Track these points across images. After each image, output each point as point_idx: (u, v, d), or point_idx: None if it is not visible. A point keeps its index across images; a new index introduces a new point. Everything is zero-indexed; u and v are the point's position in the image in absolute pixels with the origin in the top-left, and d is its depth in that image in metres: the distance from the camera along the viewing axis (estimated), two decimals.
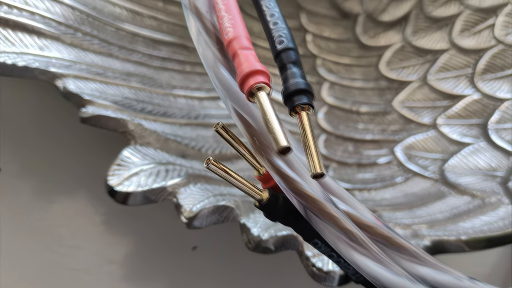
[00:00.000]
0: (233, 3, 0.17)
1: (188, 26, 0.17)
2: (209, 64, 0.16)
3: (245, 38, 0.16)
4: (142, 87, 0.26)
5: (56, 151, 0.25)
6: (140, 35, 0.29)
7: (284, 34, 0.16)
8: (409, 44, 0.32)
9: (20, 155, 0.24)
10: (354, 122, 0.30)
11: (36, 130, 0.25)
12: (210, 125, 0.27)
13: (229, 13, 0.16)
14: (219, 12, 0.17)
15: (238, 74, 0.15)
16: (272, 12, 0.17)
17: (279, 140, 0.13)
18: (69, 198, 0.24)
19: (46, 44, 0.23)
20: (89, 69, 0.24)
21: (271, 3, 0.17)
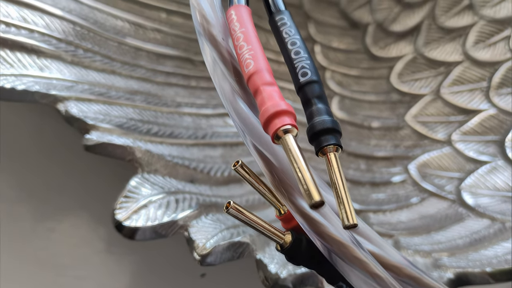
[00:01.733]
0: (252, 31, 0.15)
1: (202, 53, 0.16)
2: (226, 97, 0.15)
3: (267, 72, 0.14)
4: (147, 106, 0.25)
5: (58, 176, 0.23)
6: (143, 49, 0.27)
7: (307, 65, 0.15)
8: (421, 55, 0.31)
9: (21, 180, 0.23)
10: (366, 138, 0.29)
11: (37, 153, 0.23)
12: (218, 145, 0.26)
13: (249, 43, 0.15)
14: (237, 41, 0.15)
15: (262, 114, 0.13)
16: (293, 40, 0.16)
17: (312, 194, 0.12)
18: (72, 225, 0.23)
19: (46, 64, 0.22)
20: (92, 89, 0.23)
21: (292, 30, 0.16)
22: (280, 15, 0.16)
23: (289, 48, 0.15)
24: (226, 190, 0.24)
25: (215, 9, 0.16)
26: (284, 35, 0.16)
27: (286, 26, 0.16)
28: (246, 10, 0.16)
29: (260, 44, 0.15)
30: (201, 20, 0.16)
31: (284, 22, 0.16)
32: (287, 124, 0.13)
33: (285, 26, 0.16)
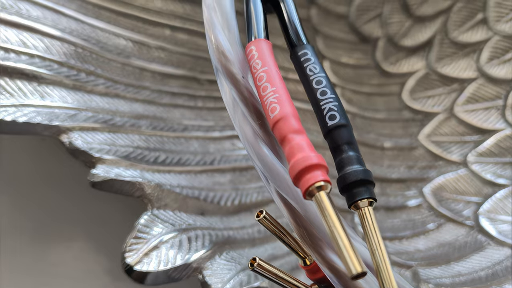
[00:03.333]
0: (275, 70, 0.14)
1: (221, 91, 0.15)
2: (248, 140, 0.14)
3: (294, 118, 0.13)
4: (153, 132, 0.23)
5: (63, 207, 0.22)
6: (147, 70, 0.26)
7: (335, 107, 0.14)
8: (434, 71, 0.30)
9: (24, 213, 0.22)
10: (378, 159, 0.28)
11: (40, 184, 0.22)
12: (226, 170, 0.25)
13: (272, 84, 0.14)
14: (260, 81, 0.14)
15: (293, 167, 0.12)
16: (318, 78, 0.14)
17: (354, 265, 0.11)
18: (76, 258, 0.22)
19: (48, 91, 0.21)
20: (96, 116, 0.21)
21: (317, 67, 0.15)
22: (303, 49, 0.15)
23: (315, 88, 0.14)
24: (237, 220, 0.23)
25: (234, 44, 0.15)
26: (308, 72, 0.15)
27: (310, 63, 0.15)
28: (267, 45, 0.15)
29: (284, 85, 0.14)
30: (218, 56, 0.15)
31: (308, 57, 0.15)
32: (320, 181, 0.12)
33: (309, 62, 0.15)
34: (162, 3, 0.28)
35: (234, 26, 0.15)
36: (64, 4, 0.24)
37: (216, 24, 0.15)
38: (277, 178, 0.14)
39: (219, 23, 0.15)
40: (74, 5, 0.25)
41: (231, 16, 0.15)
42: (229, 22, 0.15)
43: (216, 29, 0.15)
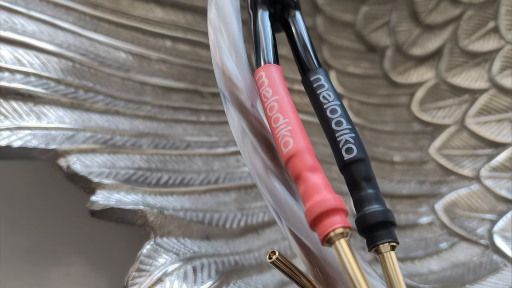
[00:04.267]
0: (287, 99, 0.13)
1: (228, 120, 0.14)
2: (259, 174, 0.13)
3: (309, 154, 0.12)
4: (154, 151, 0.22)
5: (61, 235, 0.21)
6: (148, 84, 0.25)
7: (352, 139, 0.13)
8: (444, 81, 0.29)
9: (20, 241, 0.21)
10: (388, 174, 0.27)
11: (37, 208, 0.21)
12: (231, 189, 0.24)
13: (285, 115, 0.13)
14: (271, 111, 0.13)
15: (310, 211, 0.11)
16: (333, 107, 0.13)
17: None
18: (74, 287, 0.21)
19: (44, 111, 0.20)
20: (95, 136, 0.20)
21: (331, 94, 0.14)
22: (315, 74, 0.14)
23: (329, 117, 0.13)
24: (243, 243, 0.22)
25: (243, 69, 0.14)
26: (322, 100, 0.14)
27: (324, 89, 0.14)
28: (277, 70, 0.14)
29: (297, 115, 0.13)
30: (226, 82, 0.14)
31: (321, 83, 0.14)
32: (340, 227, 0.11)
33: (322, 89, 0.14)
34: (163, 13, 0.27)
35: (242, 50, 0.14)
36: (60, 17, 0.23)
37: (223, 47, 0.14)
38: (291, 217, 0.13)
39: (226, 46, 0.14)
40: (71, 17, 0.24)
41: (238, 38, 0.14)
42: (236, 45, 0.14)
43: (223, 53, 0.14)
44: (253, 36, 0.15)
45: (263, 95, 0.14)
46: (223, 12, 0.15)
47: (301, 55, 0.15)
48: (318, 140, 0.28)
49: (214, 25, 0.15)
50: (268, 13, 0.16)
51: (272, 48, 0.15)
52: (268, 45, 0.15)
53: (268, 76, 0.14)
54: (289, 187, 0.13)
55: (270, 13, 0.16)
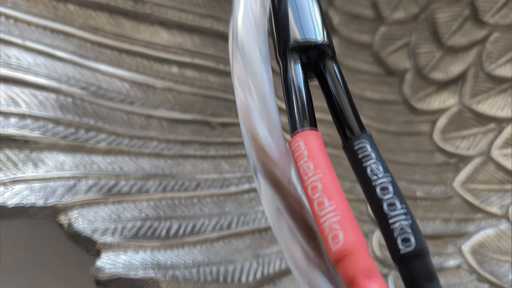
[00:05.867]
0: (331, 176, 0.11)
1: (260, 195, 0.12)
2: (298, 266, 0.11)
3: (364, 252, 0.10)
4: (162, 195, 0.20)
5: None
6: (153, 117, 0.23)
7: (409, 226, 0.11)
8: (468, 108, 0.27)
9: None
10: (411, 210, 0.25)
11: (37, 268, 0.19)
12: (245, 233, 0.22)
13: (330, 197, 0.11)
14: (313, 192, 0.11)
15: None
16: (384, 184, 0.12)
17: None
18: None
19: (42, 157, 0.18)
20: (98, 183, 0.18)
21: (380, 167, 0.12)
22: (359, 141, 0.12)
23: (379, 197, 0.11)
24: None
25: (277, 136, 0.12)
26: (369, 173, 0.12)
27: (371, 161, 0.12)
28: (316, 138, 0.12)
29: (343, 195, 0.11)
30: (258, 153, 0.12)
31: (367, 153, 0.12)
32: None
33: (369, 160, 0.12)
34: (169, 36, 0.25)
35: (275, 112, 0.12)
36: (59, 46, 0.21)
37: (253, 110, 0.12)
38: None
39: (257, 108, 0.12)
40: (71, 45, 0.22)
41: (270, 98, 0.12)
42: (268, 107, 0.12)
43: (254, 117, 0.12)
44: (284, 92, 0.13)
45: (302, 170, 0.12)
46: (252, 65, 0.13)
47: (340, 116, 0.13)
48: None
49: (242, 81, 0.13)
50: (300, 62, 0.14)
51: (308, 109, 0.13)
52: (303, 105, 0.13)
53: (307, 146, 0.12)
54: (335, 284, 0.11)
55: (302, 61, 0.14)
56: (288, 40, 0.14)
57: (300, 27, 0.14)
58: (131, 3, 0.25)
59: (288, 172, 0.12)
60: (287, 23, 0.14)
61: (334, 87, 0.13)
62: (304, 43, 0.14)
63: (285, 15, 0.15)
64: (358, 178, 0.12)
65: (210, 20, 0.26)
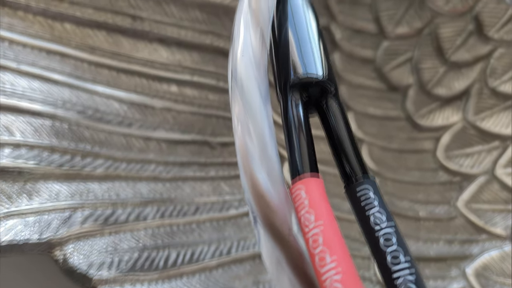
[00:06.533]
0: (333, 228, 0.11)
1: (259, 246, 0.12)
2: None
3: None
4: (160, 221, 0.20)
5: None
6: (152, 139, 0.23)
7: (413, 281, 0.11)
8: (472, 125, 0.27)
9: None
10: (414, 231, 0.25)
11: None
12: (245, 259, 0.22)
13: (333, 252, 0.11)
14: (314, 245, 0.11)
15: None
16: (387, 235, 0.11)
17: None
18: None
19: (37, 187, 0.17)
20: (94, 213, 0.18)
21: (383, 217, 0.11)
22: (362, 186, 0.12)
23: (383, 248, 0.11)
24: None
25: (277, 183, 0.11)
26: (372, 223, 0.11)
27: (374, 208, 0.11)
28: (318, 185, 0.11)
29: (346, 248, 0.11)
30: (257, 201, 0.11)
31: (370, 201, 0.11)
32: None
33: (372, 207, 0.11)
34: (168, 53, 0.25)
35: (275, 156, 0.12)
36: (55, 69, 0.21)
37: (252, 153, 0.12)
38: None
39: (257, 152, 0.12)
40: (67, 67, 0.21)
41: (270, 140, 0.12)
42: (268, 150, 0.12)
43: (253, 162, 0.12)
44: (284, 131, 0.13)
45: (303, 221, 0.11)
46: (252, 106, 0.12)
47: (343, 159, 0.13)
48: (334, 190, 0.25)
49: (241, 123, 0.12)
50: (301, 100, 0.13)
51: (309, 152, 0.12)
52: (303, 148, 0.12)
53: (309, 194, 0.11)
54: None
55: (302, 99, 0.13)
56: (289, 76, 0.14)
57: (302, 62, 0.14)
58: (129, 20, 0.24)
59: (289, 221, 0.11)
60: (288, 57, 0.14)
61: (336, 128, 0.13)
62: (305, 80, 0.14)
63: (286, 48, 0.14)
64: (360, 227, 0.12)
65: (210, 36, 0.26)
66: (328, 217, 0.11)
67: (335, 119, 0.13)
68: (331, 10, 0.27)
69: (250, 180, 0.12)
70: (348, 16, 0.28)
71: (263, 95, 0.13)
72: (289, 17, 0.15)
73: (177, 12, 0.25)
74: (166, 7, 0.25)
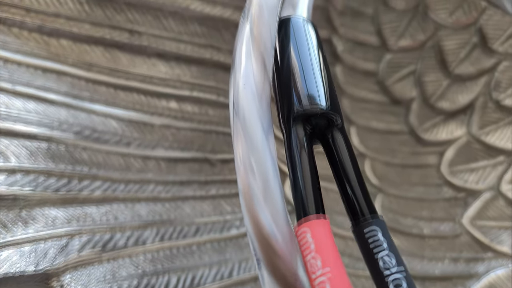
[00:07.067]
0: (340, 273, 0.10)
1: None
2: None
3: None
4: (160, 245, 0.19)
5: None
6: (151, 158, 0.22)
7: None
8: (476, 139, 0.26)
9: None
10: (418, 250, 0.24)
11: None
12: (246, 281, 0.21)
13: None
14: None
15: None
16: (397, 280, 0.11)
17: None
18: None
19: (32, 215, 0.17)
20: (92, 239, 0.18)
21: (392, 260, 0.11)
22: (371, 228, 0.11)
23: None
24: None
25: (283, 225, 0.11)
26: (381, 265, 0.11)
27: (383, 251, 0.11)
28: (324, 227, 0.11)
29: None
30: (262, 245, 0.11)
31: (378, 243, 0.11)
32: None
33: (381, 250, 0.11)
34: (167, 68, 0.24)
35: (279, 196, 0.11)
36: (51, 88, 0.20)
37: (256, 193, 0.11)
38: None
39: (260, 192, 0.11)
40: (64, 86, 0.21)
41: (274, 178, 0.11)
42: (272, 189, 0.11)
43: (257, 203, 0.11)
44: (288, 167, 0.12)
45: (310, 266, 0.11)
46: (254, 142, 0.12)
47: (349, 196, 0.12)
48: (337, 208, 0.25)
49: (244, 160, 0.12)
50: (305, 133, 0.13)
51: (314, 191, 0.12)
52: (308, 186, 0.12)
53: (315, 238, 0.11)
54: None
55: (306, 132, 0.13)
56: (292, 106, 0.13)
57: (305, 92, 0.13)
58: (127, 35, 0.24)
59: (295, 266, 0.11)
60: (290, 86, 0.14)
61: (343, 165, 0.12)
62: (309, 111, 0.13)
63: (288, 76, 0.14)
64: (369, 269, 0.11)
65: (210, 50, 0.25)
66: (335, 264, 0.11)
67: (341, 155, 0.12)
68: (332, 23, 0.27)
69: (253, 221, 0.11)
70: (350, 28, 0.27)
71: (265, 129, 0.12)
72: (291, 41, 0.15)
73: (176, 26, 0.25)
74: (165, 21, 0.24)
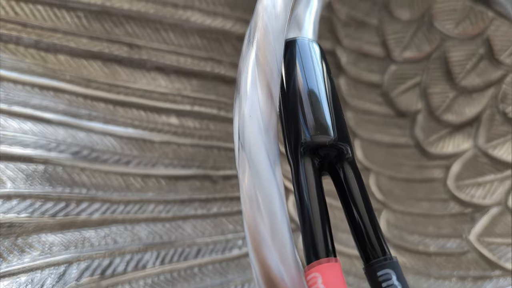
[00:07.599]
0: None
1: None
2: None
3: None
4: (161, 268, 0.19)
5: None
6: (151, 176, 0.21)
7: None
8: (483, 153, 0.26)
9: None
10: (424, 268, 0.24)
11: None
12: None
13: None
14: None
15: None
16: None
17: None
18: None
19: (29, 242, 0.16)
20: (91, 265, 0.17)
21: None
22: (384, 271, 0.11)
23: None
24: None
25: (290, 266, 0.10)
26: None
27: None
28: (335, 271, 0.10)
29: None
30: None
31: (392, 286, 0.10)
32: None
33: None
34: (167, 82, 0.24)
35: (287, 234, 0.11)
36: (48, 107, 0.20)
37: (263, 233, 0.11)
38: None
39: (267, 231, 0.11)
40: (62, 103, 0.20)
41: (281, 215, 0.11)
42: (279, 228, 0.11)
43: (264, 243, 0.10)
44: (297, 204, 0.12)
45: None
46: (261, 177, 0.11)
47: (361, 234, 0.11)
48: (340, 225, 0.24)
49: (250, 196, 0.11)
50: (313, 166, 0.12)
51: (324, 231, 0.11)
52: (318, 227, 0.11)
53: (326, 284, 0.10)
54: None
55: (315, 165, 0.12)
56: (300, 137, 0.13)
57: (313, 122, 0.13)
58: (126, 48, 0.23)
59: None
60: (298, 115, 0.13)
61: (354, 201, 0.12)
62: (317, 142, 0.12)
63: (295, 105, 0.13)
64: None
65: (210, 63, 0.25)
66: None
67: (353, 191, 0.12)
68: (336, 34, 0.26)
69: (260, 262, 0.11)
70: (354, 39, 0.27)
71: (272, 163, 0.12)
72: (298, 66, 0.14)
73: (176, 38, 0.24)
74: (164, 34, 0.24)
